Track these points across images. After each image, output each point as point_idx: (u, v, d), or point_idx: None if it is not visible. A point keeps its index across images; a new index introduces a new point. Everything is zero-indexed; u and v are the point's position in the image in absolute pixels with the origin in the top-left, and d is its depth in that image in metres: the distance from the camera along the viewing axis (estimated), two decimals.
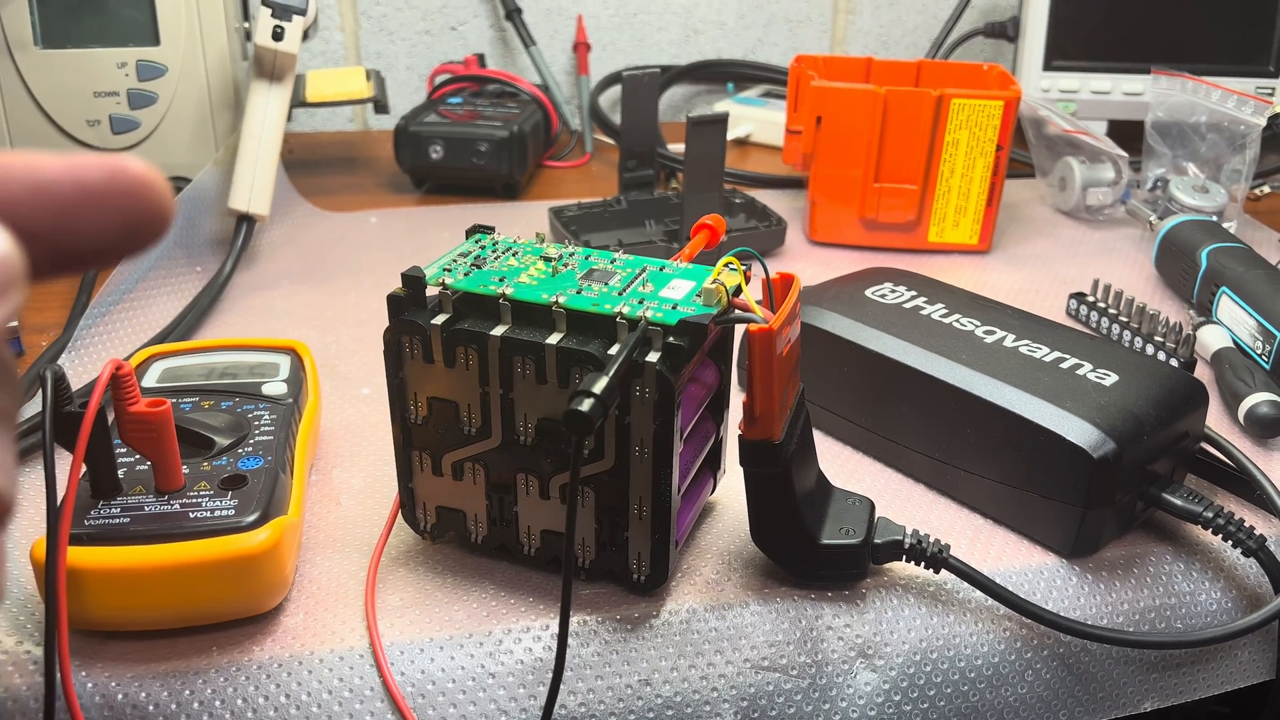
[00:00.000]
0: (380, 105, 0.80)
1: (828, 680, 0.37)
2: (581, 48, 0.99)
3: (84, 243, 0.19)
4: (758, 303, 0.36)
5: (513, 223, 0.75)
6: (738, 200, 0.73)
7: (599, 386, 0.30)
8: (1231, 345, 0.55)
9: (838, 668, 0.37)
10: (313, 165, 0.87)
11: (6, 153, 0.19)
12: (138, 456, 0.37)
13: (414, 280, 0.36)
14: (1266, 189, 0.87)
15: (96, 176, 0.19)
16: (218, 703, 0.34)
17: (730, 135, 0.95)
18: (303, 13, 0.63)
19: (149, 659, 0.35)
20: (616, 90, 0.99)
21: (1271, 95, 0.92)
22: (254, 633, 0.36)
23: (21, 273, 0.17)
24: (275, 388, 0.44)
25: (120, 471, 0.37)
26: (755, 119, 0.96)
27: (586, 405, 0.30)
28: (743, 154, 0.94)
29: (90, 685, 0.34)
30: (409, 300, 0.36)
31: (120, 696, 0.34)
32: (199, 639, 0.35)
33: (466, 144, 0.77)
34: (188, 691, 0.34)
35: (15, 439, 0.19)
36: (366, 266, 0.66)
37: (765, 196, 0.77)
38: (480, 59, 0.95)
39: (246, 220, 0.64)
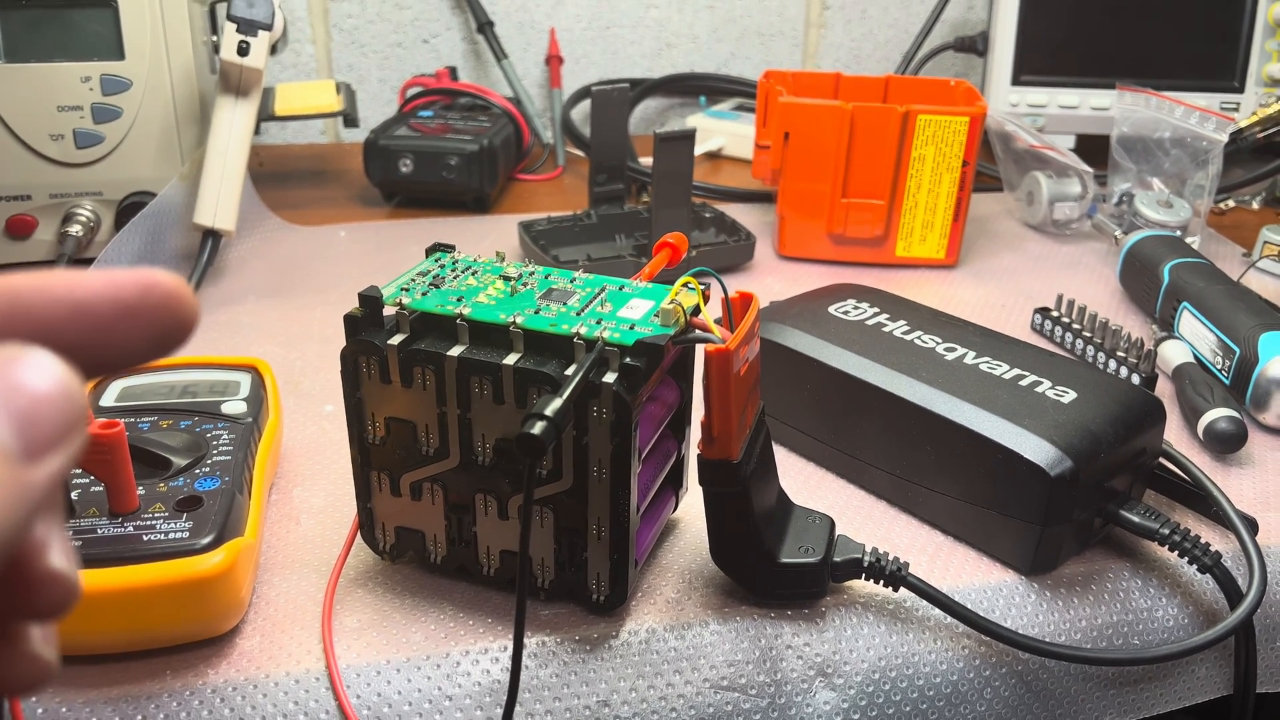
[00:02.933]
0: (350, 119, 0.80)
1: (787, 699, 0.37)
2: (554, 61, 0.99)
3: (118, 354, 0.20)
4: (716, 322, 0.36)
5: (483, 237, 0.75)
6: (708, 214, 0.73)
7: (551, 409, 0.30)
8: (1192, 360, 0.56)
9: (797, 687, 0.38)
10: (283, 178, 0.87)
11: (47, 273, 0.20)
12: (91, 478, 0.37)
13: (371, 300, 0.36)
14: (1230, 203, 0.88)
15: (131, 293, 0.20)
16: None
17: (702, 149, 0.95)
18: (268, 28, 0.63)
19: (101, 683, 0.34)
20: (588, 104, 0.99)
21: (1236, 110, 0.93)
22: (209, 656, 0.36)
23: (86, 409, 0.18)
24: (235, 406, 0.43)
25: (74, 494, 0.36)
26: (727, 132, 0.97)
27: (538, 428, 0.30)
28: (714, 168, 0.94)
29: (40, 711, 0.33)
30: (366, 320, 0.36)
31: None
32: (152, 663, 0.35)
33: (437, 158, 0.77)
34: (140, 717, 0.33)
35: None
36: (334, 281, 0.66)
37: (736, 211, 0.77)
38: (452, 72, 0.95)
39: (212, 235, 0.63)
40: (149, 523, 0.36)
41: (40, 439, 0.17)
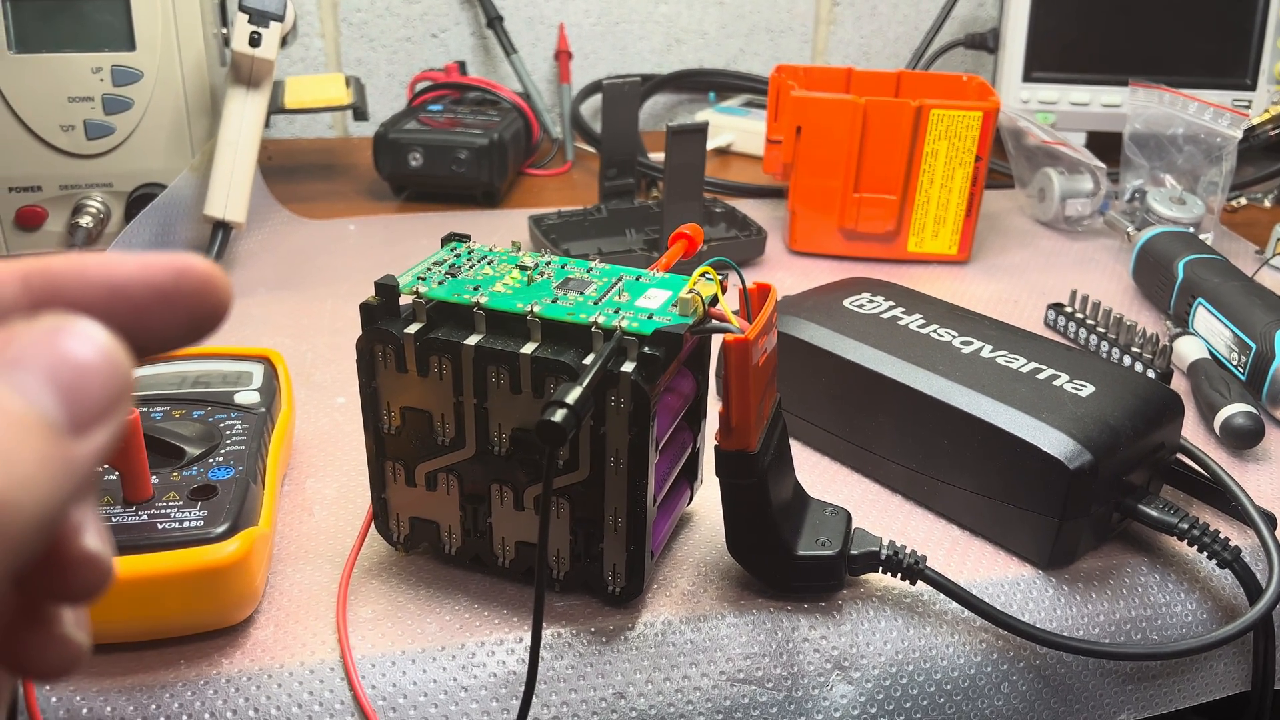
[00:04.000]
0: (360, 112, 0.79)
1: (804, 692, 0.37)
2: (563, 56, 0.99)
3: (153, 338, 0.20)
4: (734, 313, 0.36)
5: (492, 231, 0.75)
6: (718, 209, 0.73)
7: (572, 397, 0.30)
8: (1208, 356, 0.56)
9: (814, 680, 0.37)
10: (292, 171, 0.86)
11: (83, 254, 0.19)
12: (106, 466, 0.37)
13: (387, 289, 0.36)
14: (1243, 200, 0.87)
15: (165, 277, 0.20)
16: (185, 717, 0.33)
17: (711, 144, 0.95)
18: (280, 19, 0.63)
19: (115, 672, 0.34)
20: (598, 99, 0.99)
21: (1248, 108, 0.93)
22: (223, 645, 0.35)
23: (132, 382, 0.17)
24: (248, 397, 0.43)
25: None
26: (736, 128, 0.96)
27: (559, 416, 0.29)
28: (724, 163, 0.94)
29: (54, 699, 0.33)
30: (382, 309, 0.36)
31: (85, 711, 0.33)
32: (166, 652, 0.35)
33: (446, 151, 0.77)
34: (154, 705, 0.33)
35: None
36: (344, 274, 0.66)
37: (746, 206, 0.77)
38: (461, 66, 0.94)
39: (222, 227, 0.63)
40: (163, 511, 0.35)
41: (86, 412, 0.17)
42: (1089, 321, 0.59)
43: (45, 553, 0.18)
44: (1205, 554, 0.40)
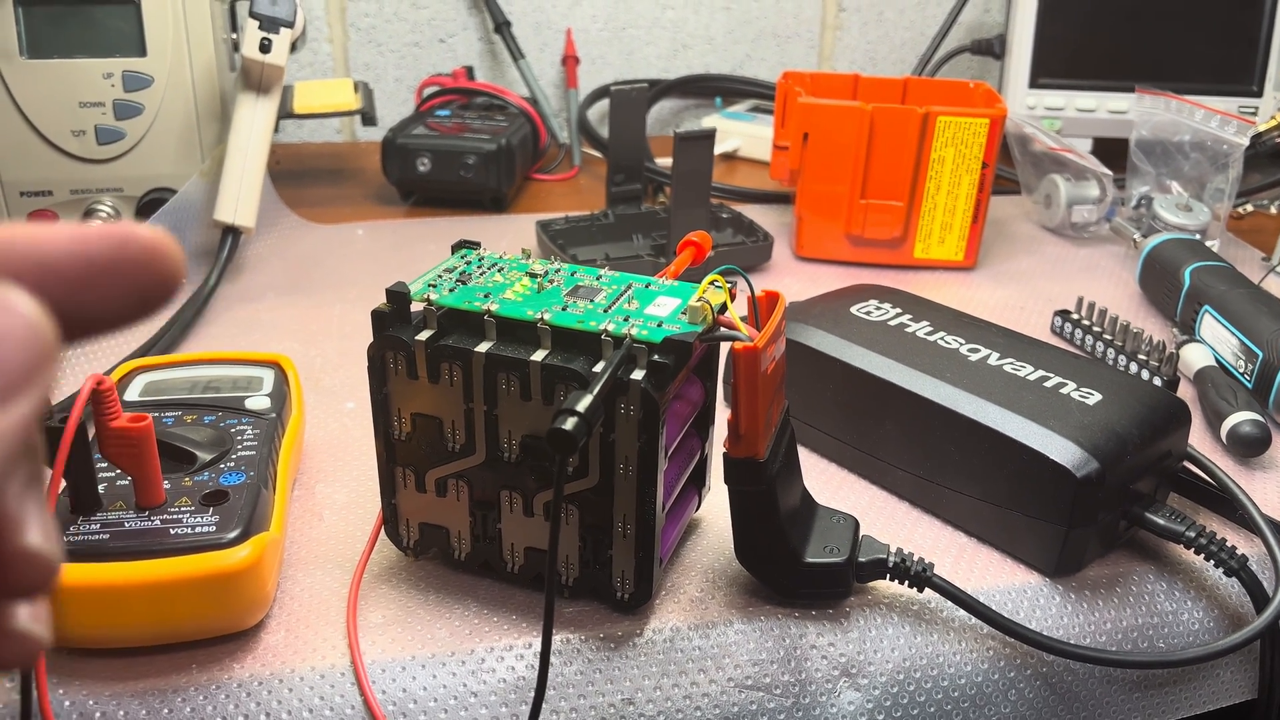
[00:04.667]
0: (368, 117, 0.80)
1: (811, 699, 0.37)
2: (570, 61, 0.99)
3: (93, 314, 0.18)
4: (743, 320, 0.36)
5: (500, 236, 0.75)
6: (724, 215, 0.73)
7: (583, 405, 0.30)
8: (1214, 364, 0.56)
9: (821, 687, 0.37)
10: (299, 176, 0.87)
11: (13, 226, 0.18)
12: (118, 472, 0.37)
13: (399, 296, 0.36)
14: (1249, 207, 0.87)
15: (103, 249, 0.18)
16: None
17: (718, 150, 0.95)
18: (290, 25, 0.63)
19: (127, 677, 0.34)
20: (605, 104, 0.99)
21: (1254, 115, 0.93)
22: (234, 650, 0.36)
23: (55, 348, 0.17)
24: (259, 402, 0.43)
25: (101, 487, 0.36)
26: (743, 133, 0.97)
27: (570, 424, 0.30)
28: (730, 168, 0.94)
29: (68, 703, 0.33)
30: (393, 315, 0.36)
31: (98, 715, 0.33)
32: (178, 656, 0.35)
33: (454, 157, 0.77)
34: (166, 710, 0.33)
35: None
36: (352, 279, 0.66)
37: (752, 211, 0.77)
38: (469, 71, 0.95)
39: (232, 232, 0.63)
40: (175, 516, 0.36)
41: (7, 380, 0.16)
42: (1095, 329, 0.59)
43: None
44: (1212, 562, 0.40)
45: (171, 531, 0.35)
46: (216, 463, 0.39)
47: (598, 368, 0.34)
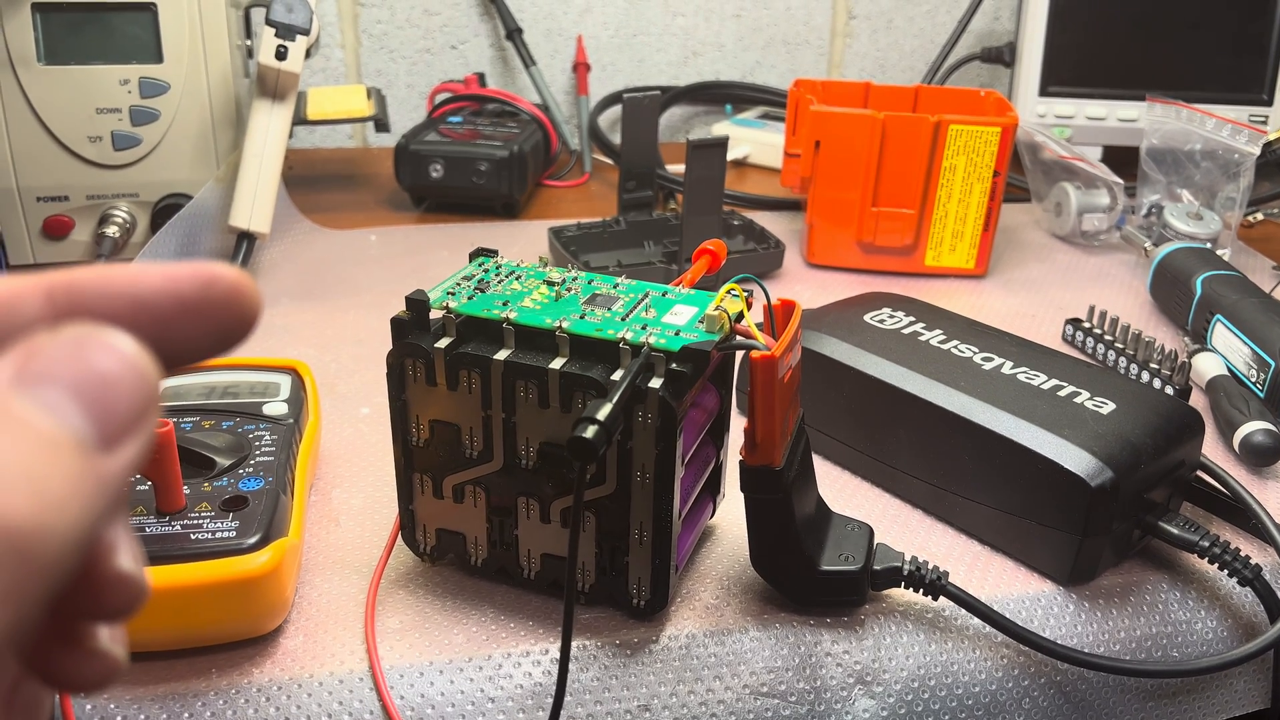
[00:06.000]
0: (381, 123, 0.80)
1: (826, 707, 0.37)
2: (581, 68, 1.00)
3: (180, 349, 0.19)
4: (759, 328, 0.36)
5: (512, 242, 0.75)
6: (736, 222, 0.73)
7: (603, 413, 0.30)
8: (1226, 373, 0.56)
9: (836, 694, 0.38)
10: (312, 182, 0.87)
11: (108, 266, 0.19)
12: (139, 477, 0.37)
13: (418, 303, 0.36)
14: (1260, 216, 0.87)
15: (191, 289, 0.19)
16: None
17: (728, 157, 0.96)
18: (306, 33, 0.64)
19: (147, 681, 0.34)
20: (616, 110, 1.00)
21: (1265, 123, 0.93)
22: (253, 655, 0.36)
23: (158, 387, 0.17)
24: (276, 408, 0.44)
25: None
26: (753, 140, 0.97)
27: (590, 432, 0.30)
28: (740, 175, 0.95)
29: (89, 708, 0.34)
30: (412, 323, 0.36)
31: (120, 718, 0.33)
32: (198, 661, 0.35)
33: (467, 163, 0.78)
34: (186, 714, 0.34)
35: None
36: (366, 285, 0.67)
37: (763, 218, 0.78)
38: (480, 78, 0.95)
39: (247, 238, 0.64)
40: (196, 522, 0.36)
41: (115, 426, 0.16)
42: (1107, 337, 0.59)
43: (79, 573, 0.18)
44: (1225, 571, 0.40)
45: (192, 537, 0.35)
46: (235, 468, 0.39)
47: (616, 376, 0.34)
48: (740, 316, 0.36)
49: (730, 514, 0.43)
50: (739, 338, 0.36)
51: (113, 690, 0.34)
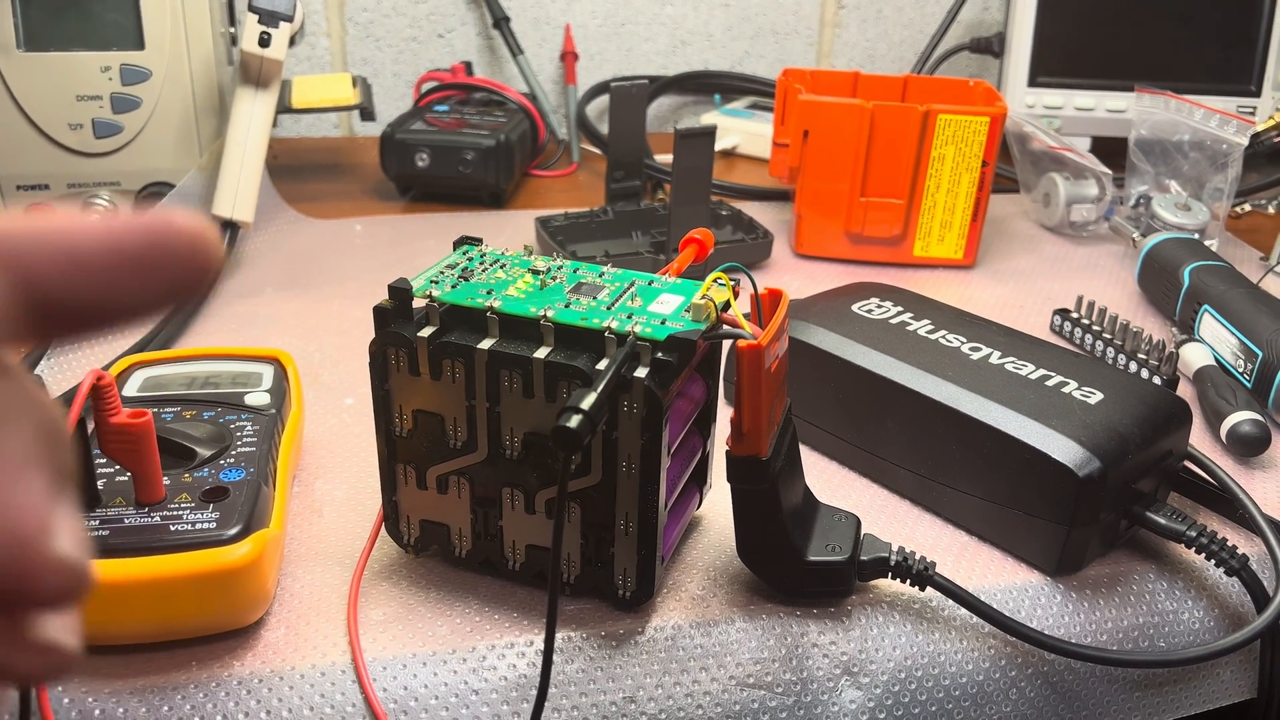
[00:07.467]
0: (366, 112, 0.79)
1: (813, 698, 0.37)
2: (569, 57, 0.99)
3: (124, 306, 0.18)
4: (745, 318, 0.36)
5: (499, 232, 0.75)
6: (724, 212, 0.73)
7: (587, 403, 0.30)
8: (1214, 363, 0.56)
9: (823, 685, 0.37)
10: (297, 171, 0.86)
11: (44, 217, 0.18)
12: (118, 468, 0.37)
13: (400, 292, 0.36)
14: (1248, 207, 0.88)
15: (135, 242, 0.18)
16: (196, 718, 0.33)
17: (717, 147, 0.95)
18: (290, 19, 0.63)
19: (127, 674, 0.34)
20: (603, 100, 0.99)
21: (1253, 114, 0.93)
22: (234, 647, 0.35)
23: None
24: (258, 398, 0.43)
25: (100, 483, 0.36)
26: (742, 130, 0.96)
27: (575, 422, 0.30)
28: (729, 165, 0.94)
29: (66, 700, 0.33)
30: (395, 312, 0.36)
31: (97, 713, 0.33)
32: (178, 653, 0.35)
33: (453, 152, 0.77)
34: (166, 707, 0.33)
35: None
36: (351, 274, 0.66)
37: (751, 208, 0.77)
38: (467, 67, 0.94)
39: (230, 227, 0.63)
40: (176, 513, 0.35)
41: None
42: (1095, 327, 0.59)
43: (11, 559, 0.17)
44: (1213, 561, 0.40)
45: (171, 528, 0.35)
46: (216, 459, 0.39)
47: (601, 365, 0.34)
48: (727, 305, 0.36)
49: (717, 505, 0.42)
50: (725, 327, 0.35)
51: (91, 683, 0.34)
